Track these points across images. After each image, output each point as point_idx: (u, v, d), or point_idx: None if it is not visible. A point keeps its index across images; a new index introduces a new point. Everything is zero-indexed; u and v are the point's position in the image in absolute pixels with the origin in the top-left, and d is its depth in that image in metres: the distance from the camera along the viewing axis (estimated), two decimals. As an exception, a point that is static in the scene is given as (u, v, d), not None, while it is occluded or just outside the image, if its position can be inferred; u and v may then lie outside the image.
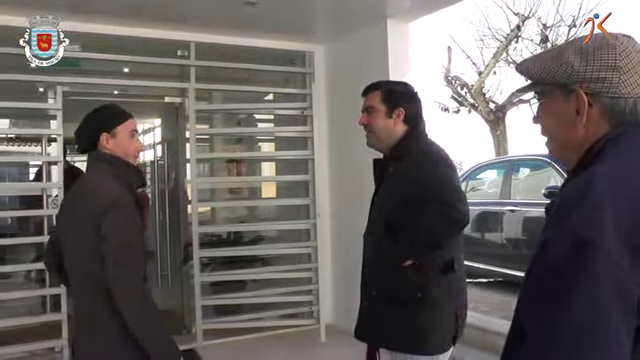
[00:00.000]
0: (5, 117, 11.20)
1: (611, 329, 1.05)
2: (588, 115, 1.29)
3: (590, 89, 1.28)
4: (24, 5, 5.10)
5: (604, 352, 1.05)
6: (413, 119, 2.88)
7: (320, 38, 6.46)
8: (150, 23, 5.71)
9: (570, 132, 1.33)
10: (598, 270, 1.06)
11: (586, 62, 1.29)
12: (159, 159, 8.82)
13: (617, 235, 1.07)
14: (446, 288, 2.68)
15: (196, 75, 6.05)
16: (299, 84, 6.70)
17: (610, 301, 1.06)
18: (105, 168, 2.55)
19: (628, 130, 1.26)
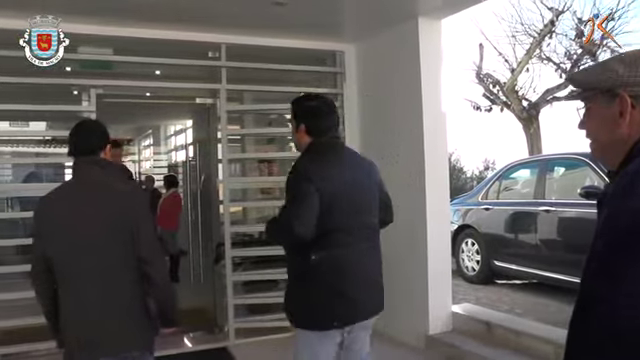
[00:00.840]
0: (42, 120, 11.44)
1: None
2: (631, 116, 1.41)
3: (633, 92, 1.41)
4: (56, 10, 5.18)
5: None
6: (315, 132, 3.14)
7: (351, 37, 6.43)
8: (181, 25, 5.74)
9: (614, 133, 1.45)
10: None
11: (629, 69, 1.42)
12: (191, 160, 8.90)
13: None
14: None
15: (227, 76, 6.09)
16: (330, 84, 6.68)
17: None
18: (118, 172, 3.04)
19: None
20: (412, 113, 5.66)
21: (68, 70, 6.83)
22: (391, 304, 6.06)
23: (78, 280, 2.75)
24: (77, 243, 2.73)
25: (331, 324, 2.99)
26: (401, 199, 5.95)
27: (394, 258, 6.05)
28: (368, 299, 3.21)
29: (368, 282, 3.22)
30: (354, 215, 3.07)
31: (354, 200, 3.06)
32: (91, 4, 5.11)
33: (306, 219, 2.87)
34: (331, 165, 3.05)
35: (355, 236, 3.09)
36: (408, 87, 5.71)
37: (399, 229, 6.03)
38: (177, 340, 6.13)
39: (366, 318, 3.19)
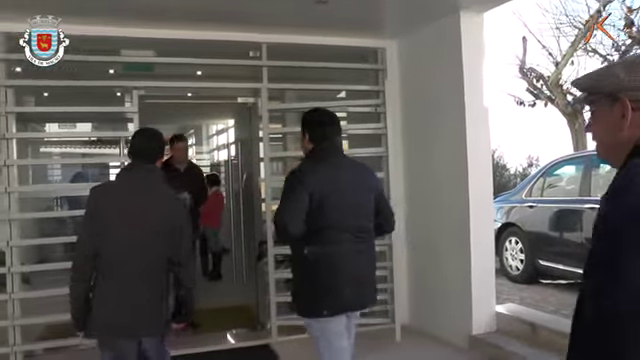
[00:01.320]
0: (88, 121, 11.69)
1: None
2: (632, 119, 1.49)
3: (633, 96, 1.49)
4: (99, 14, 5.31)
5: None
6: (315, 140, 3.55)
7: (392, 33, 6.39)
8: (222, 26, 5.80)
9: (617, 135, 1.53)
10: (629, 249, 1.28)
11: (629, 74, 1.51)
12: (233, 159, 8.96)
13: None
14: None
15: (268, 75, 6.11)
16: (371, 81, 6.65)
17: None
18: (163, 179, 3.37)
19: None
20: (454, 109, 5.59)
21: (111, 73, 6.99)
22: (433, 303, 6.05)
23: (122, 269, 3.10)
24: (124, 240, 3.10)
25: (321, 313, 3.35)
26: (443, 197, 5.91)
27: (436, 257, 6.02)
28: (356, 294, 3.46)
29: (357, 278, 3.46)
30: (346, 215, 3.38)
31: (346, 201, 3.39)
32: (134, 8, 5.22)
33: (294, 216, 3.27)
34: (326, 169, 3.42)
35: (346, 235, 3.40)
36: (450, 83, 5.65)
37: (442, 227, 5.99)
38: (220, 337, 6.19)
39: (354, 310, 3.53)
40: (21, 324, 5.43)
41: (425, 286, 6.23)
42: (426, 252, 6.20)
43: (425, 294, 6.24)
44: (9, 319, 5.40)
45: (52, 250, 8.43)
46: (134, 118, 5.89)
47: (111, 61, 6.50)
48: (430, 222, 6.11)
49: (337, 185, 3.39)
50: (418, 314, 6.31)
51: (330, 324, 3.38)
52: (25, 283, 5.58)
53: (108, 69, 7.06)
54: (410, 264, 6.43)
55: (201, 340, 6.06)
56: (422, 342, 5.86)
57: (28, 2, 5.01)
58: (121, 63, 6.60)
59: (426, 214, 6.17)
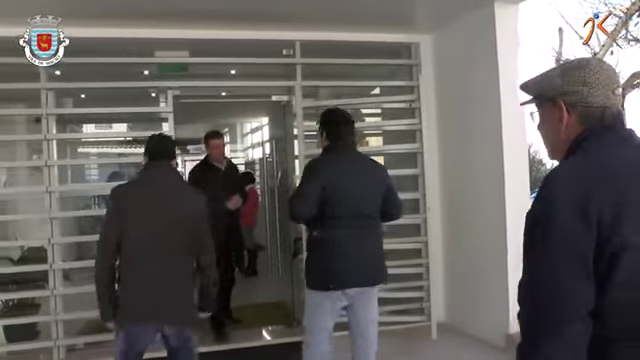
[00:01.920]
0: (123, 122, 11.88)
1: (565, 271, 1.51)
2: (567, 121, 1.70)
3: (568, 100, 1.69)
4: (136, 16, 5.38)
5: (561, 286, 1.52)
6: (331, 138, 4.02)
7: (425, 28, 6.35)
8: (255, 25, 5.83)
9: (558, 135, 1.74)
10: (552, 232, 1.53)
11: (565, 80, 1.70)
12: (267, 156, 8.99)
13: (574, 207, 1.51)
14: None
15: (302, 72, 6.13)
16: (406, 76, 6.61)
17: (565, 254, 1.52)
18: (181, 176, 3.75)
19: (595, 131, 1.65)
20: (490, 103, 5.52)
21: (146, 74, 7.08)
22: (470, 301, 6.00)
23: (145, 261, 3.33)
24: (144, 232, 3.35)
25: (327, 286, 3.78)
26: (479, 192, 5.85)
27: (472, 253, 5.96)
28: (360, 272, 3.85)
29: (361, 258, 3.84)
30: (354, 204, 3.81)
31: (354, 193, 3.80)
32: (168, 9, 5.28)
33: (305, 203, 3.76)
34: (338, 164, 3.86)
35: (352, 221, 3.81)
36: (485, 76, 5.58)
37: (478, 224, 5.93)
38: (255, 333, 6.22)
39: (358, 286, 3.85)
40: (63, 319, 5.61)
41: (461, 284, 6.18)
42: (462, 249, 6.15)
43: (461, 292, 6.19)
44: (51, 314, 5.60)
45: (90, 248, 8.57)
46: (169, 118, 5.98)
47: (146, 62, 6.58)
48: (466, 218, 6.06)
49: (348, 178, 3.81)
50: (454, 312, 6.26)
51: (328, 299, 3.83)
52: (66, 279, 5.70)
53: (143, 70, 7.15)
54: (446, 261, 6.38)
55: (237, 336, 6.12)
56: (458, 340, 5.82)
57: (67, 6, 5.11)
58: (155, 64, 6.68)
59: (462, 210, 6.12)
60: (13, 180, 8.25)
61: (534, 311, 1.59)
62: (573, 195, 1.52)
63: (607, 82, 1.67)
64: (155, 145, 3.66)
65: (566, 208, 1.52)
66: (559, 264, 1.52)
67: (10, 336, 5.98)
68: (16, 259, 6.22)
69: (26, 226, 7.00)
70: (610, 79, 1.68)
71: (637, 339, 1.51)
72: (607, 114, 1.66)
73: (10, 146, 8.01)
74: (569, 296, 1.52)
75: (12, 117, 7.34)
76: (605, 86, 1.66)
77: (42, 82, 5.66)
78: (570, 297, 1.52)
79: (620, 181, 1.55)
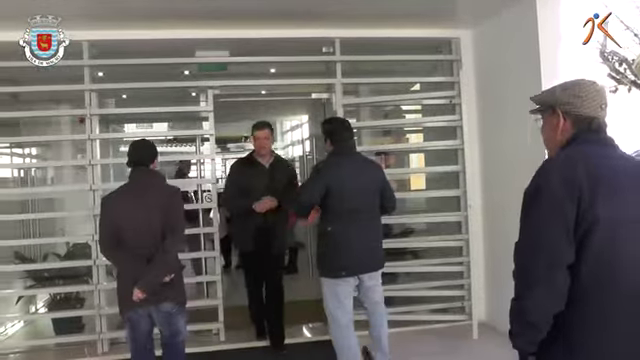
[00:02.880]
0: (163, 121, 12.05)
1: (554, 231, 1.98)
2: (563, 125, 2.21)
3: (564, 109, 2.20)
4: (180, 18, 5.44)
5: (551, 242, 1.99)
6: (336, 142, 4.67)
7: (466, 23, 6.27)
8: (295, 23, 5.86)
9: (556, 137, 2.25)
10: (544, 197, 2.04)
11: (563, 93, 2.21)
12: (307, 154, 8.99)
13: (563, 182, 1.99)
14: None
15: (342, 70, 6.11)
16: (446, 72, 6.55)
17: (554, 217, 1.99)
18: (162, 177, 4.31)
19: (583, 134, 2.16)
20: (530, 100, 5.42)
21: (187, 73, 7.17)
22: (502, 299, 5.87)
23: (135, 252, 3.90)
24: (137, 226, 3.91)
25: (340, 273, 4.44)
26: (521, 188, 5.70)
27: (506, 250, 5.83)
28: (367, 259, 4.56)
29: (367, 247, 4.54)
30: (357, 200, 4.45)
31: (357, 190, 4.46)
32: (208, 10, 5.36)
33: (308, 198, 4.49)
34: (343, 165, 4.52)
35: (358, 215, 4.46)
36: (526, 71, 5.45)
37: (512, 218, 5.81)
38: (296, 330, 6.24)
39: (367, 272, 4.56)
40: (106, 313, 5.75)
41: (503, 282, 6.02)
42: (503, 247, 6.03)
43: (503, 291, 6.03)
44: (95, 308, 5.77)
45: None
46: (209, 117, 6.07)
47: (186, 62, 6.66)
48: (507, 216, 5.91)
49: (352, 177, 4.48)
50: (496, 311, 6.16)
51: (341, 285, 4.49)
52: (109, 275, 5.82)
53: (183, 70, 7.24)
54: (487, 259, 6.29)
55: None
56: (499, 340, 5.68)
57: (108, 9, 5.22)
58: (196, 64, 6.75)
59: (503, 207, 6.00)
60: (59, 178, 8.46)
61: (527, 259, 2.08)
62: (562, 174, 2.03)
63: (596, 98, 2.18)
64: (132, 153, 4.18)
65: (556, 181, 2.02)
66: (549, 220, 2.00)
67: (58, 328, 6.23)
68: (62, 255, 6.37)
69: (72, 223, 7.15)
70: (599, 96, 2.19)
71: (599, 299, 1.97)
72: (594, 122, 2.16)
73: (56, 146, 8.23)
74: (556, 246, 1.98)
75: (57, 118, 7.51)
76: (594, 101, 2.17)
77: (86, 84, 5.81)
78: (556, 248, 1.98)
79: (596, 169, 2.02)
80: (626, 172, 2.08)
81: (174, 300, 4.02)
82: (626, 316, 1.97)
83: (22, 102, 7.01)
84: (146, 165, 4.14)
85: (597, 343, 1.97)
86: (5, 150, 8.34)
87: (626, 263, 1.96)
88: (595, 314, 1.97)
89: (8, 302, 6.59)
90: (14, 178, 8.42)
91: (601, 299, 1.96)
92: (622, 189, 2.01)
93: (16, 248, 6.51)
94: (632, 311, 1.97)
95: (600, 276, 1.96)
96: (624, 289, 1.96)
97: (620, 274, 1.96)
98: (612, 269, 1.96)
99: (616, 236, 1.95)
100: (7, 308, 6.60)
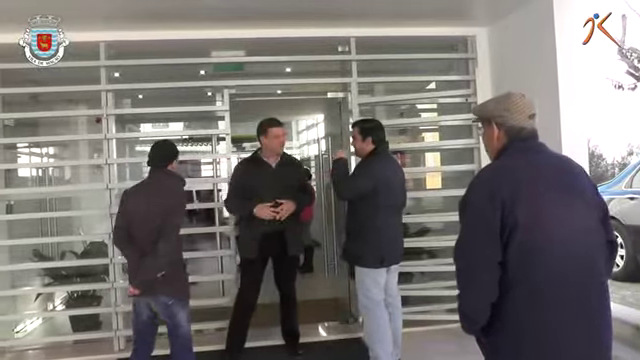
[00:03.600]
0: (179, 121, 12.13)
1: (478, 238, 2.33)
2: (497, 135, 2.54)
3: (498, 121, 2.54)
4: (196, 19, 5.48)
5: (476, 248, 2.34)
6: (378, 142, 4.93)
7: (481, 21, 6.24)
8: (310, 22, 5.86)
9: (493, 145, 2.58)
10: (470, 210, 2.41)
11: (496, 106, 2.57)
12: (323, 153, 9.00)
13: (487, 195, 2.33)
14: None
15: (357, 69, 6.12)
16: (462, 71, 6.53)
17: (478, 227, 2.34)
18: (176, 179, 4.38)
19: (514, 143, 2.49)
20: (547, 96, 5.36)
21: (203, 73, 7.20)
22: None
23: (139, 242, 4.10)
24: (139, 220, 4.11)
25: (381, 264, 4.78)
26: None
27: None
28: (397, 251, 4.98)
29: (398, 240, 5.01)
30: (394, 197, 4.87)
31: (395, 187, 4.86)
32: (224, 10, 5.38)
33: (357, 190, 4.78)
34: (385, 164, 4.87)
35: (393, 210, 4.90)
36: (543, 69, 5.43)
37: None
38: (311, 329, 6.24)
39: (396, 263, 4.98)
40: (122, 311, 5.80)
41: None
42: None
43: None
44: (112, 306, 5.83)
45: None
46: (225, 116, 6.08)
47: (203, 63, 6.70)
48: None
49: (391, 175, 4.83)
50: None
51: (379, 274, 4.81)
52: (125, 272, 5.86)
53: (199, 70, 7.28)
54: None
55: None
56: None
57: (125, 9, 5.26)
58: (212, 64, 6.78)
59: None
60: (76, 178, 8.53)
61: (459, 262, 2.44)
62: (486, 187, 2.37)
63: (524, 110, 2.52)
64: (149, 153, 4.36)
65: (480, 194, 2.37)
66: (474, 229, 2.37)
67: (75, 326, 6.31)
68: (80, 253, 6.44)
69: (89, 222, 7.22)
70: (526, 108, 2.53)
71: (526, 285, 2.27)
72: (523, 132, 2.49)
73: (73, 146, 8.31)
74: (480, 251, 2.31)
75: (75, 118, 7.59)
76: (522, 113, 2.51)
77: (103, 84, 5.87)
78: (480, 252, 2.31)
79: (518, 177, 2.35)
80: (548, 174, 2.41)
81: (169, 293, 4.14)
82: (550, 296, 2.27)
83: (41, 102, 7.08)
84: (159, 166, 4.29)
85: (528, 321, 2.28)
86: (24, 150, 8.43)
87: (544, 255, 2.26)
88: (524, 298, 2.28)
89: (27, 299, 6.70)
90: (32, 177, 8.51)
91: (527, 286, 2.27)
92: (540, 192, 2.32)
93: (35, 246, 6.57)
94: (553, 292, 2.26)
95: (524, 268, 2.27)
96: (545, 276, 2.26)
97: (539, 265, 2.26)
98: (533, 261, 2.26)
99: (534, 235, 2.26)
100: (26, 305, 6.71)
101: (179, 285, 4.21)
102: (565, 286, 2.27)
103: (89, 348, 5.89)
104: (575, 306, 2.28)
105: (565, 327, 2.27)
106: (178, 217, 4.22)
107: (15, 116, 6.47)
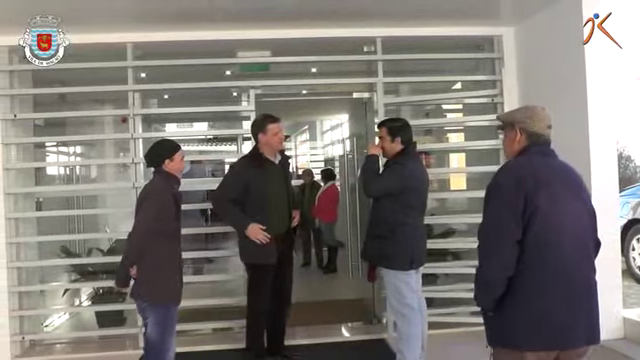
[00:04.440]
0: (203, 121, 12.21)
1: (504, 216, 2.66)
2: (519, 139, 2.88)
3: (521, 126, 2.88)
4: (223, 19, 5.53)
5: (502, 224, 2.67)
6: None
7: (508, 20, 6.18)
8: (336, 23, 5.86)
9: (513, 147, 2.92)
10: (498, 192, 2.76)
11: (521, 114, 2.94)
12: (348, 153, 8.98)
13: (513, 181, 2.71)
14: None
15: (383, 69, 6.10)
16: (488, 71, 6.48)
17: (505, 207, 2.67)
18: (156, 181, 4.28)
19: (533, 146, 2.85)
20: (575, 97, 5.31)
21: (228, 74, 7.24)
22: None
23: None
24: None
25: (411, 266, 4.68)
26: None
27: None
28: (425, 251, 4.92)
29: (424, 240, 4.92)
30: (424, 197, 4.86)
31: (424, 188, 4.86)
32: (250, 11, 5.42)
33: (383, 188, 4.70)
34: (415, 164, 4.81)
35: (420, 211, 4.85)
36: (571, 69, 5.36)
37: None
38: (335, 329, 6.25)
39: (423, 264, 4.92)
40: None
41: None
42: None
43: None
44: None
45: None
46: (251, 116, 6.09)
47: (229, 63, 6.74)
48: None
49: (420, 175, 4.81)
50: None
51: (410, 276, 4.71)
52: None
53: (225, 71, 7.32)
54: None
55: (316, 331, 6.15)
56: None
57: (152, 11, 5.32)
58: (238, 64, 6.82)
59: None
60: (102, 176, 8.64)
61: (486, 237, 2.75)
62: (514, 175, 2.76)
63: (544, 120, 2.90)
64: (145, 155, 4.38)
65: (510, 180, 2.74)
66: (500, 210, 2.70)
67: (101, 321, 6.41)
68: (106, 250, 6.51)
69: (115, 219, 7.31)
70: (546, 118, 2.92)
71: (540, 263, 2.64)
72: (541, 139, 2.88)
73: (99, 145, 8.42)
74: (506, 228, 2.65)
75: (101, 118, 7.69)
76: (542, 122, 2.89)
77: (129, 84, 5.94)
78: (506, 229, 2.65)
79: (539, 172, 2.75)
80: (559, 174, 2.85)
81: (142, 296, 4.16)
82: (558, 275, 2.65)
83: (68, 103, 7.19)
84: (151, 166, 4.34)
85: (538, 296, 2.65)
86: (52, 149, 8.56)
87: (557, 237, 2.66)
88: (538, 275, 2.65)
89: (55, 295, 6.82)
90: (60, 176, 8.63)
91: (542, 265, 2.65)
92: (555, 186, 2.73)
93: (62, 243, 6.68)
94: (562, 270, 2.66)
95: (540, 247, 2.64)
96: (557, 256, 2.66)
97: (553, 245, 2.65)
98: (548, 242, 2.65)
99: (550, 219, 2.65)
100: (54, 300, 6.84)
101: (154, 289, 4.10)
102: (572, 263, 2.70)
103: (115, 343, 6.00)
104: (579, 280, 2.73)
105: (569, 297, 2.69)
106: (143, 218, 4.09)
107: (45, 116, 6.58)
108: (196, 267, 8.42)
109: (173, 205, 4.18)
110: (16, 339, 5.85)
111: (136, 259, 4.07)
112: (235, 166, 5.25)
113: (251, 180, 4.90)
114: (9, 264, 5.81)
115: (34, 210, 6.38)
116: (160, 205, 4.09)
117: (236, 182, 4.98)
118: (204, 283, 6.99)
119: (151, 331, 4.09)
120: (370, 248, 4.87)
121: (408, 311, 4.66)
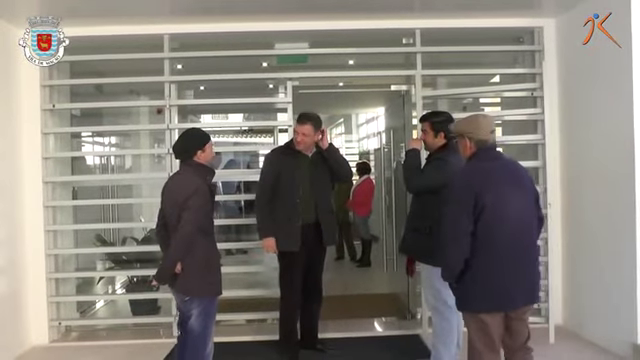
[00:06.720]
0: (238, 112, 12.23)
1: (458, 215, 3.45)
2: (469, 146, 3.62)
3: (468, 136, 3.61)
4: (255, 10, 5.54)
5: (457, 221, 3.46)
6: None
7: (550, 11, 6.02)
8: (375, 14, 5.80)
9: (465, 153, 3.68)
10: (453, 194, 3.54)
11: (467, 125, 3.67)
12: (385, 146, 8.91)
13: (465, 186, 3.50)
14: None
15: (422, 61, 6.03)
16: (528, 63, 6.34)
17: (459, 207, 3.47)
18: (186, 172, 4.17)
19: (480, 151, 3.59)
20: (620, 91, 5.09)
21: (265, 65, 7.23)
22: (591, 305, 5.67)
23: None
24: (166, 212, 4.15)
25: None
26: (605, 187, 5.46)
27: (596, 254, 5.63)
28: None
29: None
30: None
31: None
32: (289, 2, 5.42)
33: (426, 184, 4.57)
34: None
35: None
36: (615, 61, 5.14)
37: (602, 223, 5.55)
38: (368, 324, 6.22)
39: None
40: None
41: (582, 285, 5.82)
42: (584, 247, 5.79)
43: (582, 294, 5.82)
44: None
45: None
46: (288, 108, 6.09)
47: (266, 54, 6.74)
48: (589, 215, 5.67)
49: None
50: (574, 315, 5.90)
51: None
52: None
53: (261, 62, 7.31)
54: (566, 260, 6.03)
55: (349, 325, 6.13)
56: (578, 346, 5.47)
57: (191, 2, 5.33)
58: (275, 56, 6.80)
59: (585, 206, 5.74)
60: (136, 166, 8.72)
61: (445, 230, 3.49)
62: (465, 179, 3.53)
63: (486, 127, 3.60)
64: (174, 146, 4.28)
65: (461, 184, 3.50)
66: (456, 209, 3.44)
67: (135, 310, 6.51)
68: (140, 239, 6.58)
69: (149, 209, 7.37)
70: (488, 125, 3.63)
71: (488, 247, 3.41)
72: (487, 143, 3.57)
73: (134, 135, 8.49)
74: (460, 223, 3.41)
75: (136, 109, 7.76)
76: (485, 129, 3.58)
77: (166, 75, 5.98)
78: (460, 224, 3.40)
79: (486, 174, 3.48)
80: (504, 172, 3.56)
81: (183, 290, 4.10)
82: (502, 254, 3.42)
83: (105, 94, 7.26)
84: (180, 159, 4.21)
85: (488, 272, 3.43)
86: (88, 139, 8.67)
87: (501, 225, 3.41)
88: (487, 256, 3.42)
89: (90, 282, 6.97)
90: (95, 165, 8.73)
91: (489, 248, 3.42)
92: (499, 184, 3.46)
93: (97, 231, 6.77)
94: (505, 250, 3.41)
95: (487, 235, 3.40)
96: (502, 239, 3.41)
97: (499, 235, 3.41)
98: (494, 230, 3.40)
99: (495, 212, 3.39)
100: (89, 288, 6.97)
101: (195, 283, 4.07)
102: (513, 245, 3.44)
103: (149, 331, 6.09)
104: (518, 257, 3.47)
105: (511, 271, 3.45)
106: (194, 218, 3.95)
107: (82, 106, 6.63)
108: (231, 259, 8.48)
109: (210, 198, 4.15)
110: (54, 324, 5.98)
111: (185, 257, 4.01)
112: (267, 157, 5.36)
113: (282, 169, 5.08)
114: (47, 251, 5.91)
115: (71, 199, 6.45)
116: (205, 201, 4.05)
117: (268, 175, 5.17)
118: (238, 274, 7.02)
119: (195, 321, 4.09)
120: (410, 242, 4.77)
121: (444, 308, 4.57)
